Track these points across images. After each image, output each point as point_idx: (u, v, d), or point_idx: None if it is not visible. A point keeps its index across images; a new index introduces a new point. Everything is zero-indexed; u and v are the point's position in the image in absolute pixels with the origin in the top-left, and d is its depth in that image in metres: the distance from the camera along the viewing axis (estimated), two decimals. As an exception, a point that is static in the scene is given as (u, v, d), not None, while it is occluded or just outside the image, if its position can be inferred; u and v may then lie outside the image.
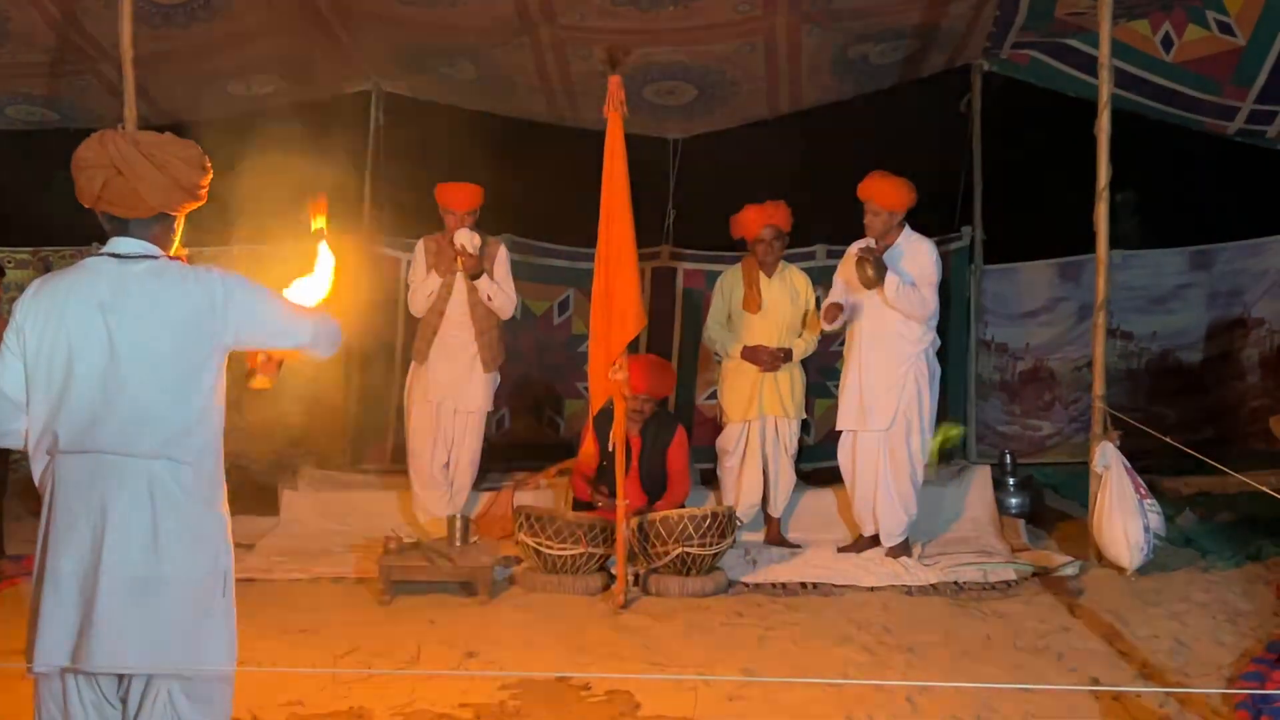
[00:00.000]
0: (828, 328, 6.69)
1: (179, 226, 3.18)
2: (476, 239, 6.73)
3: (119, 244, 3.09)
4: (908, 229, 6.60)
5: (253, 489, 7.58)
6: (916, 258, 6.52)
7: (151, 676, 2.98)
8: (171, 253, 3.16)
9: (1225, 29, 7.60)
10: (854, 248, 6.60)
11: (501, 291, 6.84)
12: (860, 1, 7.37)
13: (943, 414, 8.46)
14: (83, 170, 3.06)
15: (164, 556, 2.96)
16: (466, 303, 6.85)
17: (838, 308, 6.59)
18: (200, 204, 3.18)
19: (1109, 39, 6.25)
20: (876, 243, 6.49)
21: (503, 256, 6.94)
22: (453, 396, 6.90)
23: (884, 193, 6.45)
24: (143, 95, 7.20)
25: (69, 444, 2.97)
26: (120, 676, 3.00)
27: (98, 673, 2.96)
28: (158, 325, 3.00)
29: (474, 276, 6.76)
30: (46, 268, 8.92)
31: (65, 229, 9.29)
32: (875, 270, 6.36)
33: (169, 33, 7.49)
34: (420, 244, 7.03)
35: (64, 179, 3.14)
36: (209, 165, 3.17)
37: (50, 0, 7.15)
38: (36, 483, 3.03)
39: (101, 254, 3.09)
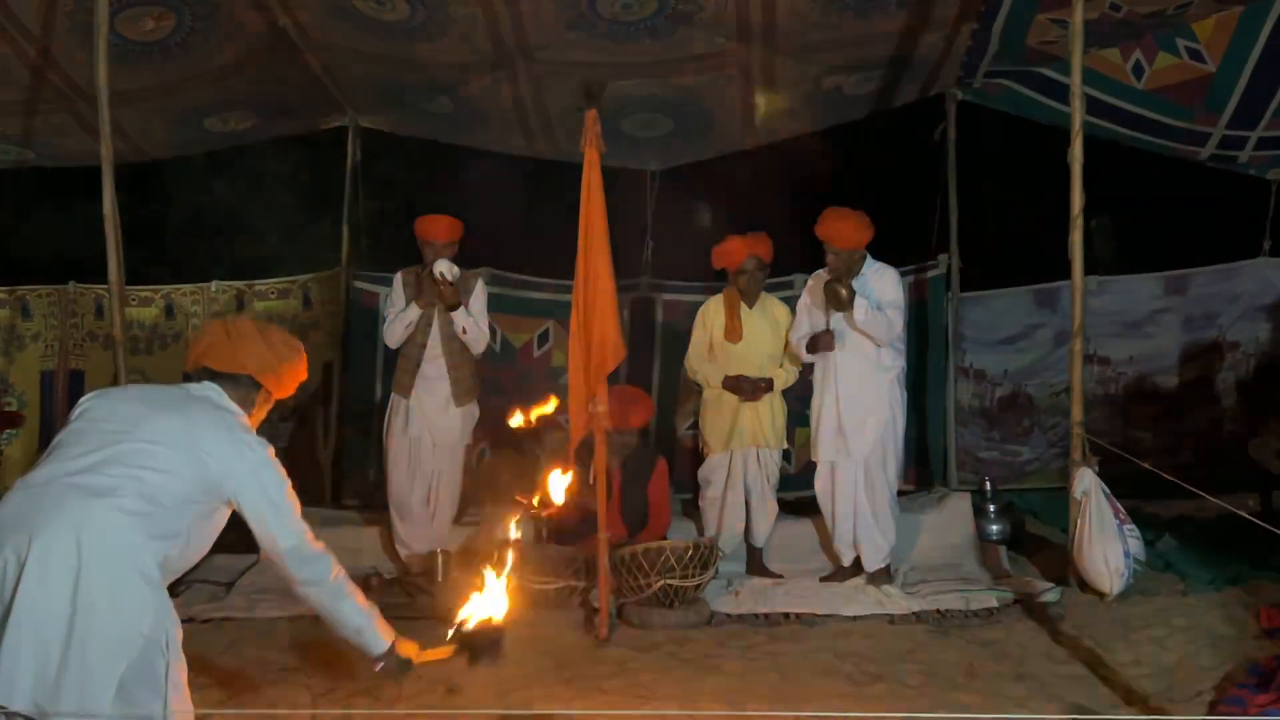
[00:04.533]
0: (808, 358, 6.72)
1: (260, 406, 3.59)
2: (455, 268, 6.74)
3: (204, 385, 3.49)
4: (870, 259, 6.66)
5: (232, 526, 7.54)
6: (882, 285, 6.58)
7: None
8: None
9: (1195, 56, 7.68)
10: (819, 274, 6.66)
11: (476, 326, 6.84)
12: (833, 34, 7.42)
13: (922, 440, 8.52)
14: (198, 334, 3.64)
15: (81, 604, 2.99)
16: (443, 336, 6.85)
17: (830, 335, 6.60)
18: (283, 395, 3.66)
19: (1080, 67, 6.31)
20: (843, 277, 6.52)
21: (479, 290, 6.95)
22: (431, 430, 6.89)
23: (841, 234, 6.52)
24: (118, 132, 7.23)
25: (34, 477, 3.15)
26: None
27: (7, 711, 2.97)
28: (189, 441, 3.27)
29: (452, 308, 6.76)
30: (23, 307, 8.89)
31: (42, 268, 9.27)
32: (847, 291, 6.40)
33: (144, 70, 7.49)
34: (399, 276, 7.04)
35: (41, 217, 3.24)
36: (306, 369, 3.70)
37: (26, 39, 7.13)
38: None
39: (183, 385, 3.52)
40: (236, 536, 3.55)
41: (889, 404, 6.59)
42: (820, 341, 6.62)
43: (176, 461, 3.23)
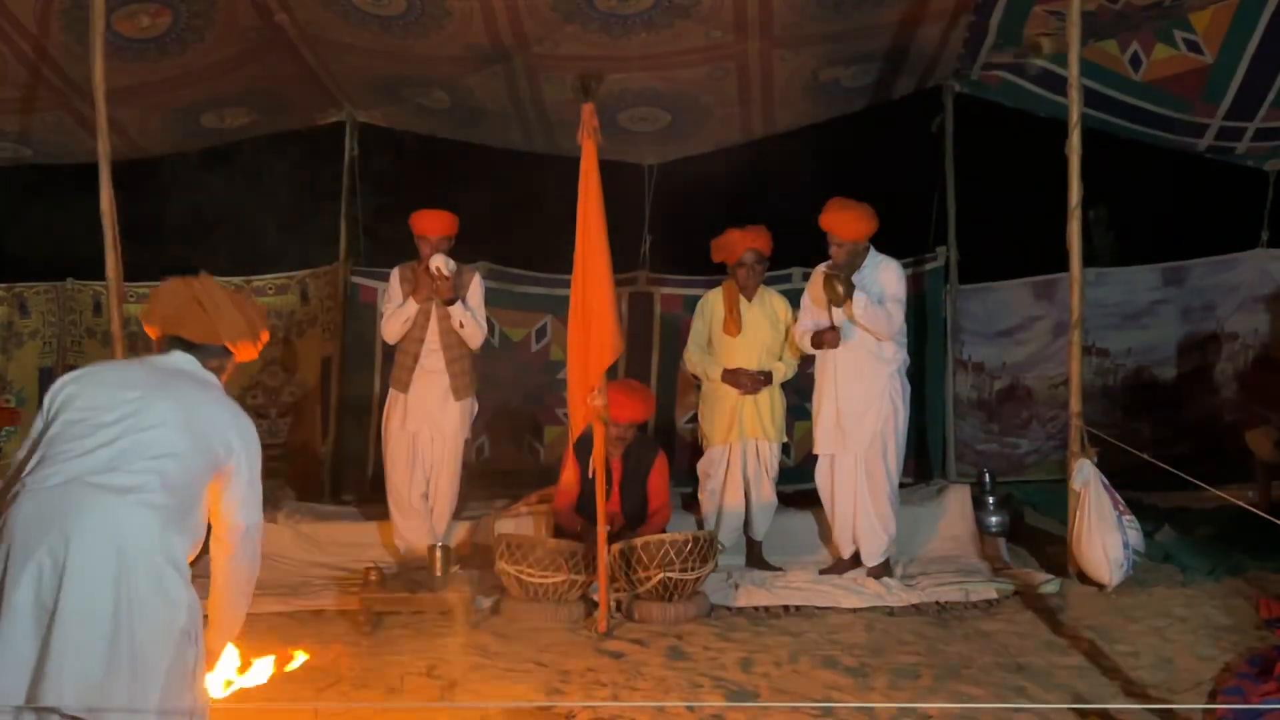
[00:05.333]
0: (812, 352, 6.72)
1: (227, 372, 3.59)
2: (451, 262, 6.74)
3: (175, 356, 3.45)
4: (873, 251, 6.65)
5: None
6: (883, 278, 6.57)
7: None
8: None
9: (1193, 47, 7.67)
10: (822, 267, 6.65)
11: (473, 320, 6.83)
12: (831, 26, 7.41)
13: (921, 433, 8.51)
14: (161, 298, 3.53)
15: (124, 602, 3.00)
16: (441, 330, 6.85)
17: (835, 333, 6.59)
18: (250, 359, 3.63)
19: (1078, 59, 6.30)
20: (843, 267, 6.51)
21: (476, 285, 6.94)
22: (429, 424, 6.88)
23: (844, 225, 6.49)
24: (115, 129, 7.21)
25: (46, 476, 3.08)
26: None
27: (50, 711, 2.95)
28: (189, 420, 3.27)
29: (448, 302, 6.75)
30: (21, 304, 8.88)
31: (40, 265, 9.25)
32: (845, 287, 6.39)
33: (141, 66, 7.47)
34: (396, 272, 7.03)
35: (38, 214, 3.23)
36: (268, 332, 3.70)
37: (22, 36, 7.12)
38: None
39: (154, 358, 3.46)
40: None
41: (890, 397, 6.58)
42: (825, 338, 6.61)
43: (185, 444, 3.23)
